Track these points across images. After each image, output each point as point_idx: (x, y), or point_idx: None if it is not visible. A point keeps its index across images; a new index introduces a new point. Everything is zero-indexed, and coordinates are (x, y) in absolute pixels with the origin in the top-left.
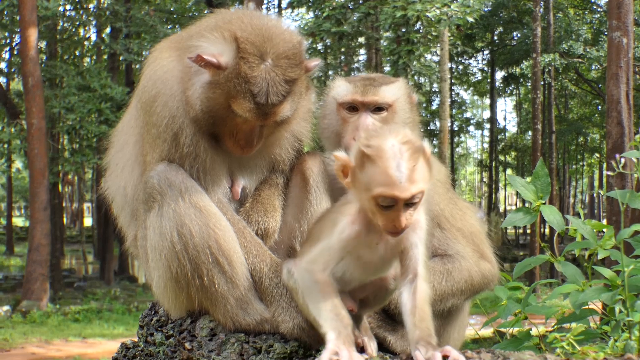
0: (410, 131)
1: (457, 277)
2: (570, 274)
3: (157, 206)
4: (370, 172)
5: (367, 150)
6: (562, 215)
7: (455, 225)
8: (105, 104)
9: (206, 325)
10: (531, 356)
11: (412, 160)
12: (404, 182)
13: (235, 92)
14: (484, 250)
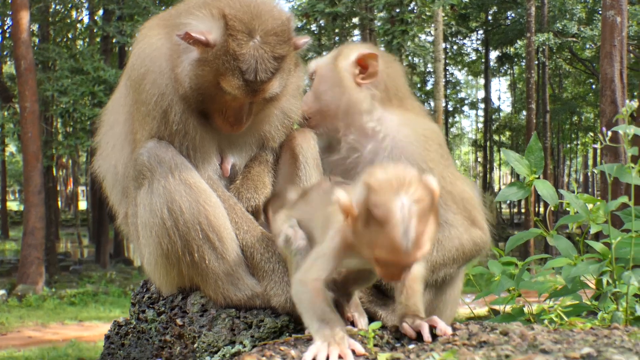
0: (419, 177)
1: (448, 246)
2: (563, 247)
3: (147, 183)
4: (375, 234)
5: (375, 211)
6: (556, 190)
7: (445, 188)
8: (98, 86)
9: (197, 302)
10: (518, 327)
11: (421, 224)
12: (410, 249)
13: (224, 69)
14: (475, 217)
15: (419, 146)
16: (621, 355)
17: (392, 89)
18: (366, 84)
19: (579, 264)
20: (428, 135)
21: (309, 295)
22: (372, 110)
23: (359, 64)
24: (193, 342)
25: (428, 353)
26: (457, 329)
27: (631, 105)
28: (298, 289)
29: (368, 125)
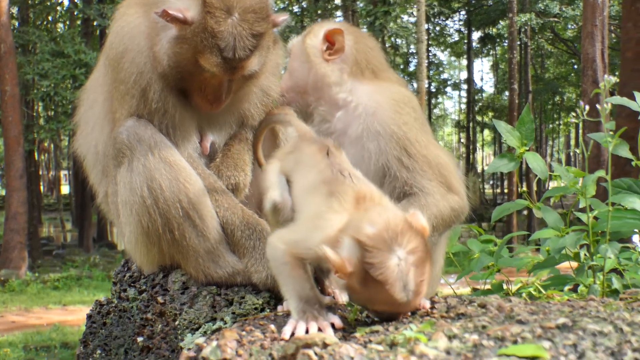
0: (407, 220)
1: (426, 215)
2: (550, 219)
3: (127, 161)
4: (373, 292)
5: (372, 272)
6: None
7: (420, 152)
8: (79, 69)
9: (178, 279)
10: (496, 299)
11: (419, 274)
12: (410, 301)
13: (202, 47)
14: (451, 182)
15: (390, 110)
16: (596, 325)
17: (363, 63)
18: (334, 59)
19: (566, 235)
20: (399, 99)
21: (287, 268)
22: (341, 83)
23: (327, 41)
24: (174, 319)
25: (406, 325)
26: (436, 303)
27: (609, 80)
28: (277, 256)
29: (338, 96)
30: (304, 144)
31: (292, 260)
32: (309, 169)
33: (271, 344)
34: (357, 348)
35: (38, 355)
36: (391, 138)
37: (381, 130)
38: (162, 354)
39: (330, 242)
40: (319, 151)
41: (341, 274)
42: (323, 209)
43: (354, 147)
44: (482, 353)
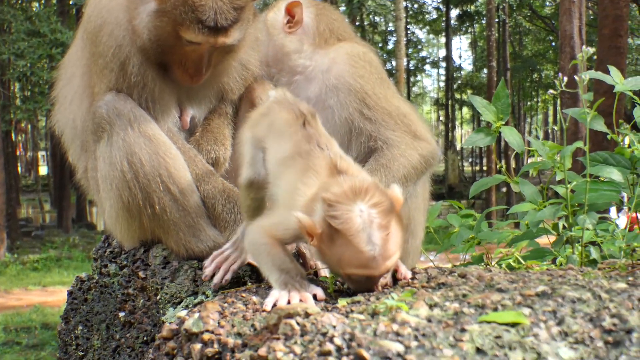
0: (377, 184)
1: (395, 167)
2: (528, 192)
3: (107, 136)
4: (340, 249)
5: (334, 224)
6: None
7: (379, 104)
8: (56, 49)
9: (159, 254)
10: (476, 269)
11: (384, 228)
12: (378, 258)
13: (182, 20)
14: (416, 129)
15: (345, 64)
16: (575, 292)
17: (326, 32)
18: (294, 31)
19: (544, 208)
20: (354, 54)
21: (266, 247)
22: (301, 51)
23: (288, 14)
24: (156, 294)
25: (387, 295)
26: (417, 273)
27: (587, 51)
28: (255, 239)
29: (297, 62)
30: (278, 107)
31: (271, 240)
32: (284, 139)
33: (253, 315)
34: (339, 317)
35: (18, 336)
36: (349, 91)
37: (338, 84)
38: (144, 329)
39: (305, 210)
40: (295, 120)
41: (313, 237)
42: (299, 186)
43: (316, 107)
44: (463, 320)
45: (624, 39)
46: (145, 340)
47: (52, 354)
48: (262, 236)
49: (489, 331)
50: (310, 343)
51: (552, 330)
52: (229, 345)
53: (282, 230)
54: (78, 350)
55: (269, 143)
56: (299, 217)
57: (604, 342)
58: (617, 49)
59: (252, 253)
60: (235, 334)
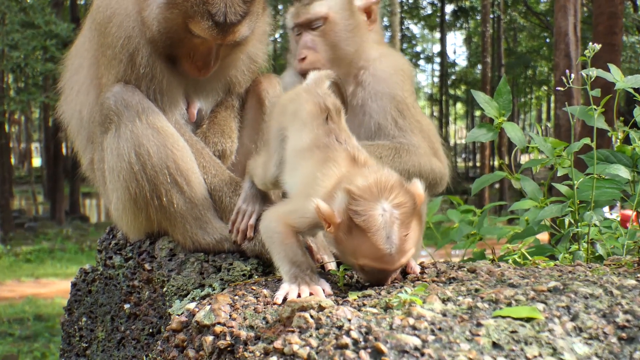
0: (401, 181)
1: (406, 159)
2: (529, 189)
3: (114, 127)
4: (358, 242)
5: (356, 219)
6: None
7: (415, 117)
8: (50, 40)
9: (165, 246)
10: (485, 264)
11: (404, 228)
12: (394, 255)
13: (193, 12)
14: (437, 149)
15: (393, 73)
16: (587, 288)
17: (379, 34)
18: (371, 29)
19: (546, 206)
20: (405, 69)
21: (280, 236)
22: (369, 51)
23: (365, 12)
24: (162, 286)
25: (399, 289)
26: (426, 268)
27: (593, 47)
28: (270, 226)
29: (360, 64)
30: (305, 97)
31: (285, 230)
32: (305, 130)
33: (264, 308)
34: (353, 311)
35: (11, 327)
36: (392, 99)
37: (385, 91)
38: (149, 321)
39: (324, 199)
40: (319, 114)
41: (331, 225)
42: (317, 176)
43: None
44: (478, 315)
45: (618, 36)
46: (151, 332)
47: (45, 345)
48: (278, 224)
49: (505, 326)
50: (326, 336)
51: (567, 326)
52: (242, 337)
53: (298, 218)
54: (82, 341)
55: (290, 132)
56: (319, 204)
57: (617, 338)
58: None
59: (266, 240)
60: (248, 327)
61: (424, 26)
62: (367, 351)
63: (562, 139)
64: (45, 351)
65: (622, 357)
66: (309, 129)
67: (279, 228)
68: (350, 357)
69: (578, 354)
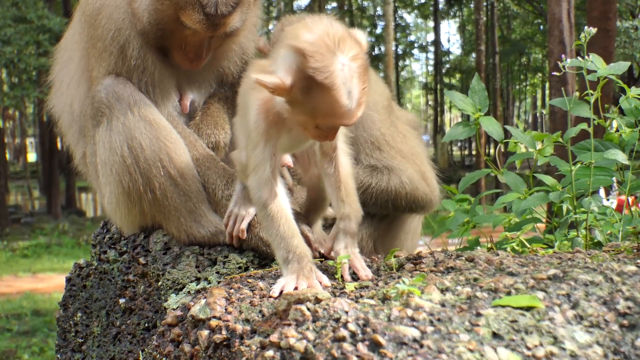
0: (346, 30)
1: (387, 177)
2: (512, 183)
3: (106, 120)
4: (317, 101)
5: (317, 77)
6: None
7: (395, 147)
8: (43, 35)
9: (160, 240)
10: (483, 253)
11: (362, 82)
12: (354, 109)
13: (184, 3)
14: (424, 172)
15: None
16: (587, 275)
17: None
18: None
19: (529, 197)
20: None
21: (270, 214)
22: None
23: None
24: (157, 280)
25: (396, 280)
26: (423, 257)
27: (589, 31)
28: (255, 197)
29: None
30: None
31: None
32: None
33: (260, 301)
34: (350, 303)
35: (9, 323)
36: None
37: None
38: (145, 315)
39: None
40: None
41: (281, 91)
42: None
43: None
44: (477, 304)
45: (612, 21)
46: (147, 327)
47: (44, 340)
48: (260, 191)
49: (505, 315)
50: (323, 329)
51: (567, 314)
52: (238, 331)
53: (259, 158)
54: (77, 337)
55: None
56: (259, 77)
57: (619, 326)
58: (606, 31)
59: (264, 227)
60: (244, 320)
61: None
62: (365, 344)
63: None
64: (44, 346)
65: (623, 345)
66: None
67: (264, 196)
68: (347, 350)
69: (579, 342)
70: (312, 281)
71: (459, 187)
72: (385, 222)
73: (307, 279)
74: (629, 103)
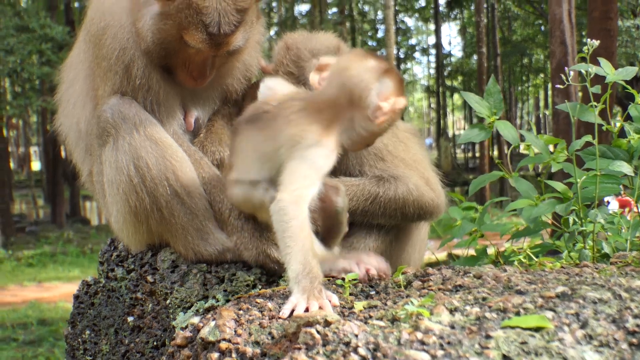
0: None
1: (393, 185)
2: (523, 189)
3: (112, 140)
4: None
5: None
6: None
7: (398, 156)
8: (46, 44)
9: (167, 258)
10: (491, 269)
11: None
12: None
13: (187, 23)
14: (428, 178)
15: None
16: (595, 292)
17: None
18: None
19: (540, 204)
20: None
21: (293, 229)
22: None
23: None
24: (165, 298)
25: (405, 300)
26: (431, 274)
27: (592, 43)
28: (283, 214)
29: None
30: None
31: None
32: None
33: (270, 322)
34: (360, 325)
35: (15, 332)
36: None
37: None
38: (153, 334)
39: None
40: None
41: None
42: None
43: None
44: (487, 326)
45: (614, 21)
46: (156, 345)
47: (50, 350)
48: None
49: (514, 337)
50: (333, 353)
51: (577, 334)
52: (248, 354)
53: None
54: (86, 354)
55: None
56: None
57: (628, 344)
58: (607, 31)
59: (285, 238)
60: (253, 343)
61: (418, 18)
62: None
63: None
64: (50, 356)
65: None
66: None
67: (297, 212)
68: None
69: None
70: (323, 301)
71: (470, 190)
72: (391, 234)
73: (317, 299)
74: (637, 110)
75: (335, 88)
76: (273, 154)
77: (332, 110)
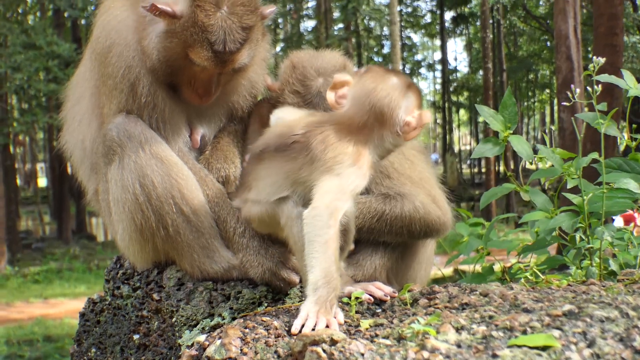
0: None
1: (400, 203)
2: (539, 201)
3: (118, 159)
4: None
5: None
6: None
7: (404, 174)
8: (52, 61)
9: (173, 276)
10: (498, 287)
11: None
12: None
13: (192, 41)
14: (434, 196)
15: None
16: (602, 311)
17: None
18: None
19: (556, 216)
20: None
21: (326, 237)
22: None
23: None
24: (171, 316)
25: (412, 318)
26: (437, 292)
27: (598, 61)
28: (318, 219)
29: None
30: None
31: (334, 228)
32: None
33: (275, 341)
34: (366, 344)
35: (21, 349)
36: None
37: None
38: (159, 352)
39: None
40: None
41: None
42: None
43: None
44: (493, 345)
45: (619, 37)
46: None
47: None
48: (329, 219)
49: (521, 356)
50: None
51: (584, 353)
52: None
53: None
54: None
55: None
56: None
57: None
58: (613, 47)
59: (313, 243)
60: None
61: (424, 34)
62: None
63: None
64: None
65: None
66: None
67: (330, 222)
68: None
69: None
70: (330, 318)
71: (481, 203)
72: (397, 252)
73: (326, 315)
74: None
75: (364, 110)
76: (308, 178)
77: (364, 131)
